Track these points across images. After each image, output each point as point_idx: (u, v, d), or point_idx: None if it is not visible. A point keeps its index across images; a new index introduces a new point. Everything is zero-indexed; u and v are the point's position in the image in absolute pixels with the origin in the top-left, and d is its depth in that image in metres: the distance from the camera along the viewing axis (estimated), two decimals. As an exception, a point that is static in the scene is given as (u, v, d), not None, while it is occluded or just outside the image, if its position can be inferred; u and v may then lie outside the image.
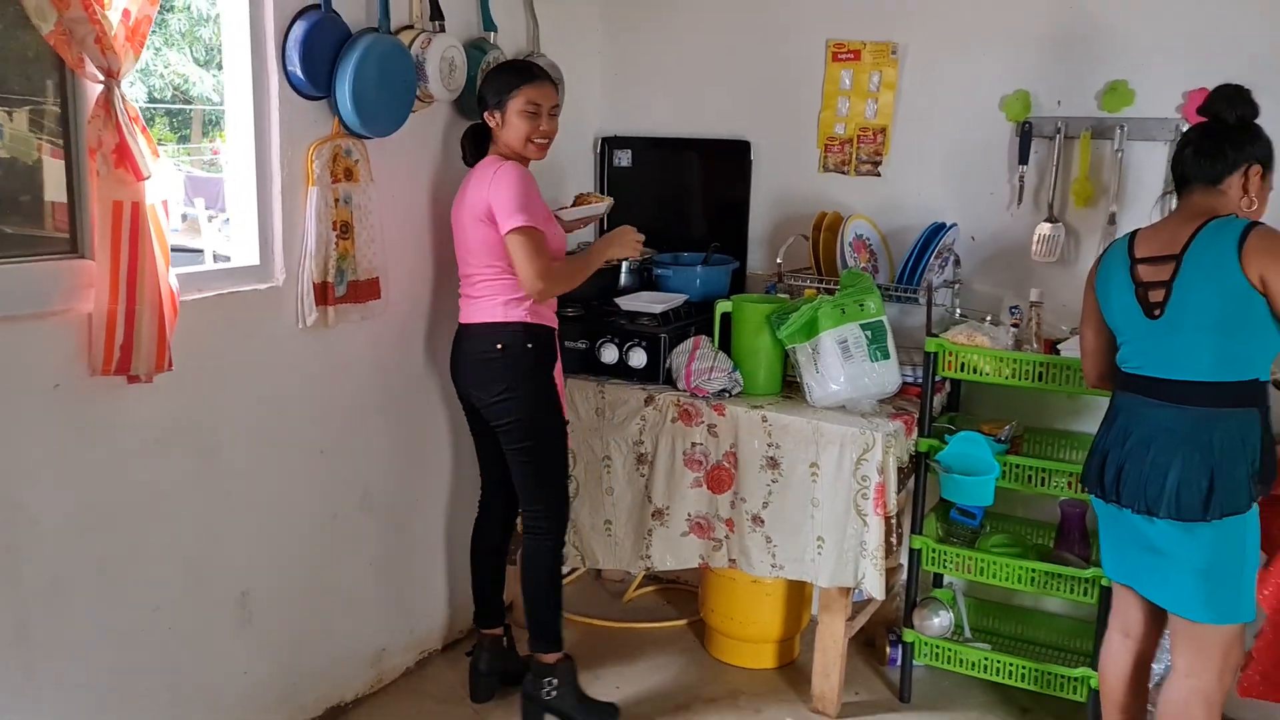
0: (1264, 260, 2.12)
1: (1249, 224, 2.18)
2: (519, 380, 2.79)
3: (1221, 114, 2.28)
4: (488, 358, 2.79)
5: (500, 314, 2.77)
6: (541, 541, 2.89)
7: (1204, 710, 2.30)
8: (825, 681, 3.07)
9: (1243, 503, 2.20)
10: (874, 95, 3.38)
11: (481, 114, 2.82)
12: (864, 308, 2.94)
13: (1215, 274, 2.17)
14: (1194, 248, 2.20)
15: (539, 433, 2.84)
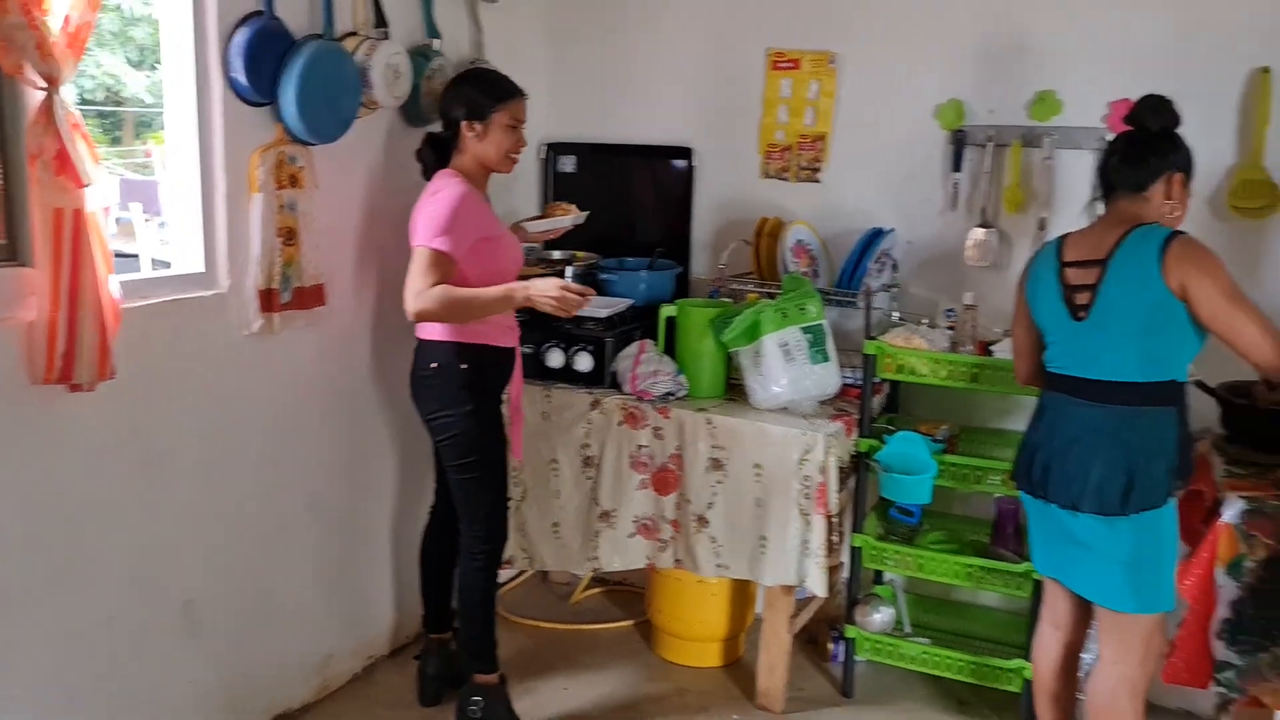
0: (1183, 268, 2.22)
1: (1171, 233, 2.28)
2: (451, 399, 2.74)
3: (1146, 123, 2.38)
4: (422, 375, 2.77)
5: (438, 332, 2.74)
6: (474, 562, 2.86)
7: (1129, 695, 2.40)
8: (770, 678, 3.13)
9: (1160, 498, 2.30)
10: (813, 103, 3.46)
11: (454, 123, 2.76)
12: (805, 311, 3.01)
13: (1138, 279, 2.26)
14: (1119, 254, 2.30)
15: (473, 453, 2.77)
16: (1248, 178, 2.91)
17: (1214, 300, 2.22)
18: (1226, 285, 2.23)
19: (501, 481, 2.87)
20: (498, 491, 2.86)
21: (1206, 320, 2.24)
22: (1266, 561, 2.38)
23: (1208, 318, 2.23)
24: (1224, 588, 2.44)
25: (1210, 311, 2.23)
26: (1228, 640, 2.43)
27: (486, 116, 2.74)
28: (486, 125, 2.74)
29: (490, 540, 2.86)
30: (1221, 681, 2.45)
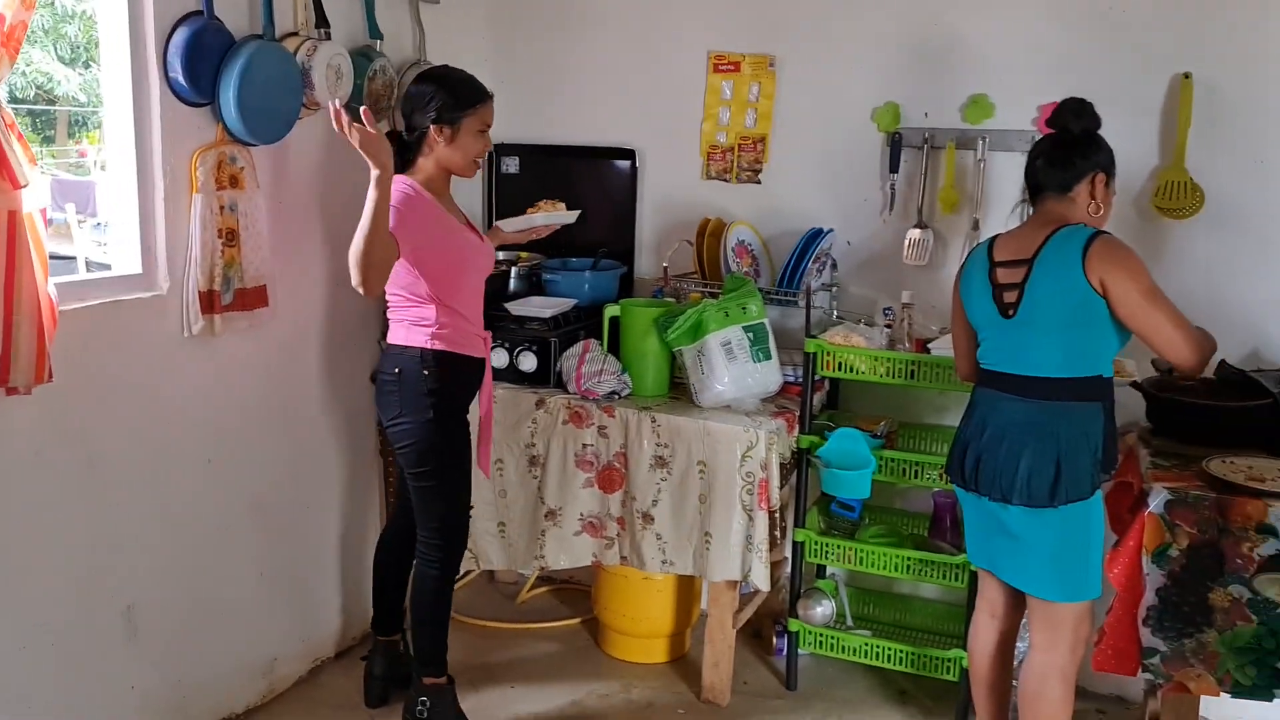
0: (1103, 266, 2.30)
1: (1094, 232, 2.36)
2: (411, 406, 2.69)
3: (1068, 126, 2.46)
4: (384, 380, 2.74)
5: (402, 337, 2.70)
6: (429, 569, 2.84)
7: (1059, 682, 2.48)
8: (715, 672, 3.17)
9: (1087, 489, 2.38)
10: (753, 105, 3.51)
11: (422, 126, 2.67)
12: (746, 311, 3.06)
13: (1062, 278, 2.34)
14: (1044, 253, 2.38)
15: (429, 462, 2.74)
16: (1171, 179, 3.01)
17: (1132, 298, 2.30)
18: (1145, 284, 2.32)
19: (458, 491, 2.83)
20: (452, 500, 2.82)
21: (1125, 318, 2.33)
22: (1189, 550, 2.47)
23: (1126, 315, 2.32)
24: (1150, 576, 2.52)
25: (1129, 309, 2.31)
26: (1154, 627, 2.51)
27: (457, 122, 2.68)
28: (456, 130, 2.68)
29: (444, 549, 2.83)
30: (1148, 667, 2.53)
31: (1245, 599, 2.44)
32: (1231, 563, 2.44)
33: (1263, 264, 2.99)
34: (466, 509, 2.89)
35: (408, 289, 2.66)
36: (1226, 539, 2.44)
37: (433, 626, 2.88)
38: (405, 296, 2.68)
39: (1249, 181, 2.97)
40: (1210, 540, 2.45)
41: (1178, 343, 2.33)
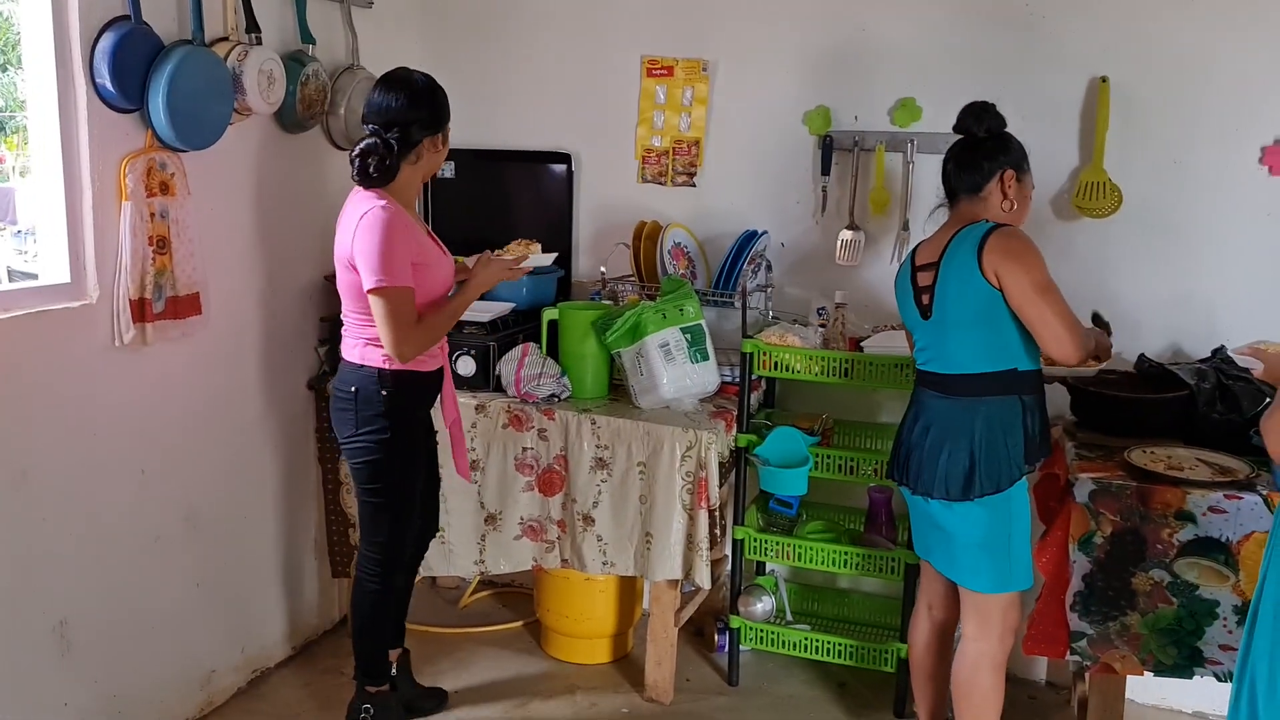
0: (995, 258, 2.38)
1: (992, 227, 2.43)
2: (366, 424, 2.67)
3: (972, 129, 2.53)
4: (340, 397, 2.71)
5: (358, 355, 2.67)
6: (369, 584, 2.84)
7: (990, 669, 2.56)
8: (657, 671, 3.20)
9: (1004, 482, 2.46)
10: (687, 109, 3.55)
11: (418, 137, 2.62)
12: (684, 312, 3.09)
13: (963, 275, 2.42)
14: (948, 253, 2.46)
15: (381, 479, 2.73)
16: (1089, 180, 3.11)
17: (1023, 290, 2.37)
18: (1038, 277, 2.38)
19: (405, 509, 2.81)
20: (398, 517, 2.80)
21: (1016, 308, 2.39)
22: (1113, 537, 2.56)
23: (1016, 306, 2.39)
24: (1077, 562, 2.61)
25: (1019, 301, 2.38)
26: (1080, 611, 2.60)
27: (443, 130, 2.70)
28: (445, 138, 2.71)
29: (385, 565, 2.82)
30: (1076, 650, 2.62)
31: (1166, 583, 2.54)
32: (1153, 548, 2.54)
33: (1178, 261, 3.10)
34: (409, 526, 2.85)
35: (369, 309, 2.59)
36: (1147, 526, 2.54)
37: (373, 637, 2.88)
38: (366, 313, 2.61)
39: (1165, 181, 3.08)
40: (1132, 527, 2.55)
41: (1063, 338, 2.38)
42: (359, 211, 2.56)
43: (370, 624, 2.87)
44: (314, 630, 3.50)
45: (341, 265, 2.62)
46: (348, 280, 2.62)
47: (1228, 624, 2.52)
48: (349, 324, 2.70)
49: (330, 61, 3.29)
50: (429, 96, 2.66)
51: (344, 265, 2.61)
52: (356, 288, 2.59)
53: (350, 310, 2.67)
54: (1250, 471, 2.58)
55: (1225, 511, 2.50)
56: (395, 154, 2.59)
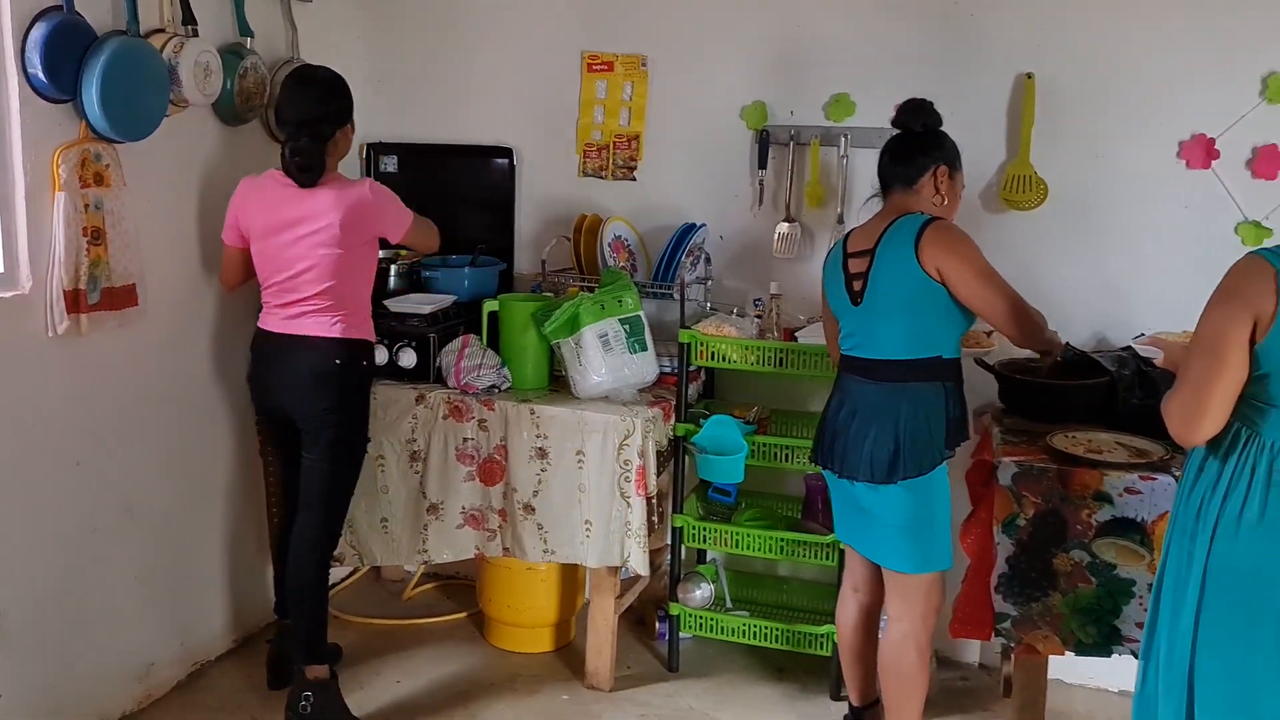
0: (935, 252, 2.46)
1: (927, 220, 2.51)
2: (349, 395, 2.88)
3: (909, 124, 2.61)
4: (322, 371, 2.82)
5: (339, 330, 2.83)
6: (310, 551, 2.91)
7: (914, 649, 2.63)
8: (598, 658, 3.24)
9: (927, 465, 2.53)
10: (627, 104, 3.59)
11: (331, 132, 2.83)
12: (622, 304, 3.14)
13: (899, 264, 2.49)
14: (883, 242, 2.53)
15: (351, 449, 2.92)
16: (1017, 173, 3.19)
17: (968, 281, 2.46)
18: (979, 265, 2.48)
19: (356, 479, 3.02)
20: (352, 489, 3.01)
21: (964, 299, 2.48)
22: (1035, 519, 2.63)
23: (965, 297, 2.48)
24: (1001, 545, 2.68)
25: (967, 292, 2.47)
26: (1005, 593, 2.67)
27: (351, 119, 2.92)
28: (352, 126, 2.93)
29: (330, 533, 2.96)
30: (1001, 631, 2.69)
31: (1085, 563, 2.62)
32: (1073, 529, 2.61)
33: (1101, 251, 3.19)
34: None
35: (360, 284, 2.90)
36: (1068, 507, 2.61)
37: (315, 613, 2.94)
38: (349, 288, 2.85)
39: (1087, 174, 3.17)
40: (1053, 509, 2.62)
41: (1010, 317, 2.50)
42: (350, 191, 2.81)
43: (316, 596, 2.95)
44: (257, 622, 3.49)
45: (325, 244, 2.77)
46: (334, 257, 2.78)
47: (1143, 602, 2.60)
48: (325, 303, 2.83)
49: (270, 55, 3.30)
50: (336, 91, 2.88)
51: (331, 242, 2.77)
52: (339, 263, 2.79)
53: (329, 283, 2.81)
54: (1164, 454, 2.66)
55: (1140, 492, 2.58)
56: (315, 153, 2.78)
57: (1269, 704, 1.88)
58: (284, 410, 2.91)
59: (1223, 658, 1.92)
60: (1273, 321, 1.81)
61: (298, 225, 2.79)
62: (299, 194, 2.80)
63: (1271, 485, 1.87)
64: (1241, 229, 3.07)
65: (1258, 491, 1.88)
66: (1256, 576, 1.87)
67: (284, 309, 2.85)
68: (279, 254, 2.82)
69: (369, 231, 2.87)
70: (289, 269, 2.81)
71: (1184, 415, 1.93)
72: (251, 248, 2.89)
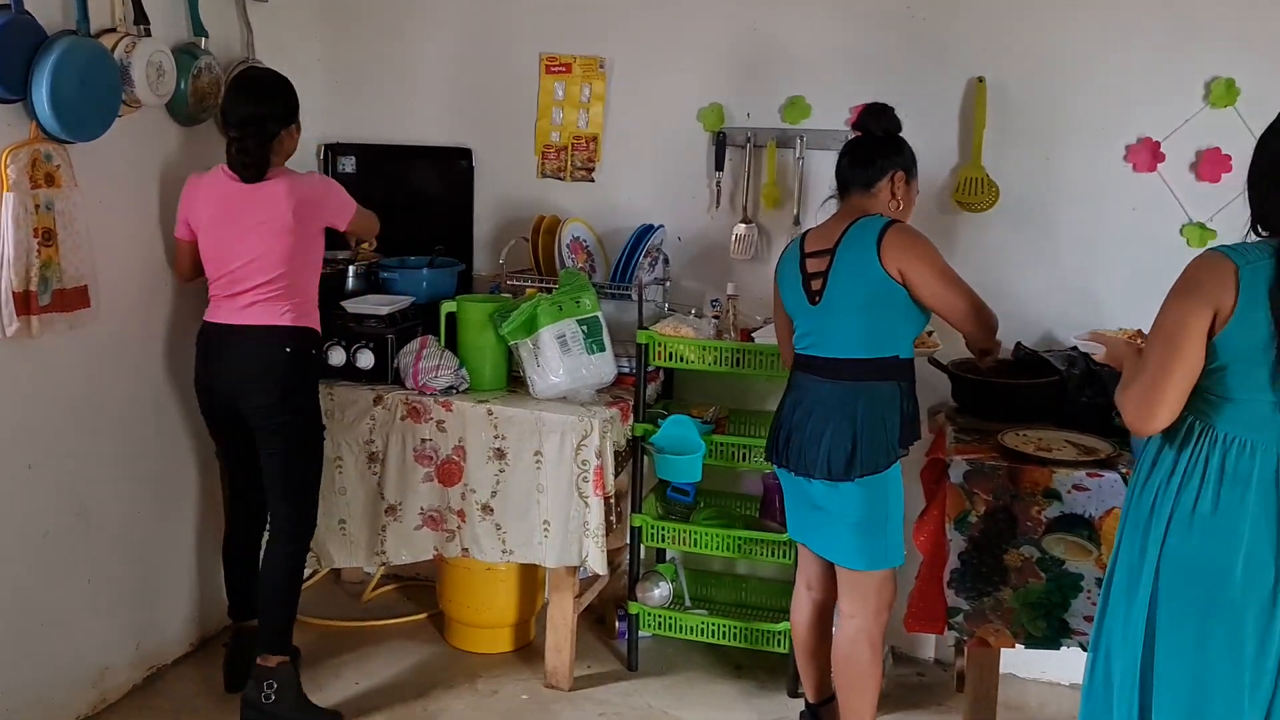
0: (897, 254, 2.50)
1: (888, 222, 2.55)
2: (299, 384, 2.91)
3: (870, 128, 2.65)
4: (272, 360, 2.85)
5: (289, 319, 2.86)
6: (288, 545, 2.95)
7: (868, 645, 2.67)
8: (558, 657, 3.25)
9: (883, 463, 2.57)
10: (585, 106, 3.61)
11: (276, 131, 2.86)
12: (580, 304, 3.15)
13: (859, 265, 2.53)
14: (844, 243, 2.56)
15: (307, 437, 2.96)
16: (969, 176, 3.24)
17: (929, 282, 2.50)
18: (939, 267, 2.52)
19: (320, 467, 3.04)
20: (318, 477, 3.03)
21: (926, 300, 2.53)
22: (986, 515, 2.68)
23: (927, 298, 2.52)
24: (953, 541, 2.73)
25: (928, 293, 2.52)
26: (957, 588, 2.72)
27: (297, 119, 2.96)
28: (298, 126, 2.97)
29: (304, 523, 2.99)
30: (953, 626, 2.74)
31: (1035, 558, 2.67)
32: (1023, 525, 2.67)
33: (1052, 252, 3.25)
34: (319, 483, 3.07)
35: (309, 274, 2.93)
36: (1018, 504, 2.66)
37: (288, 604, 2.97)
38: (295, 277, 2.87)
39: (1038, 177, 3.22)
40: (1004, 506, 2.67)
41: (970, 315, 2.56)
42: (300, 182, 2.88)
43: (290, 589, 2.98)
44: (215, 625, 3.47)
45: (280, 232, 2.82)
46: (283, 245, 2.82)
47: (1091, 596, 2.66)
48: (274, 292, 2.85)
49: (224, 55, 3.28)
50: (279, 90, 2.92)
51: (285, 230, 2.82)
52: (290, 251, 2.83)
53: (279, 272, 2.83)
54: (1112, 451, 2.72)
55: (1088, 489, 2.63)
56: (259, 149, 2.83)
57: (1220, 695, 1.91)
58: (234, 404, 2.91)
59: (1176, 649, 1.95)
60: (1232, 314, 1.86)
61: (248, 215, 2.83)
62: (249, 187, 2.84)
63: (1224, 479, 1.91)
64: (1186, 230, 3.13)
65: (1211, 485, 1.92)
66: (1209, 569, 1.91)
67: (232, 300, 2.87)
68: (228, 244, 2.85)
69: (319, 220, 2.93)
70: (239, 259, 2.83)
71: (1140, 405, 1.96)
72: (199, 240, 2.90)
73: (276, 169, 2.88)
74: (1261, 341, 1.85)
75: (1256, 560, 1.89)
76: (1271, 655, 1.90)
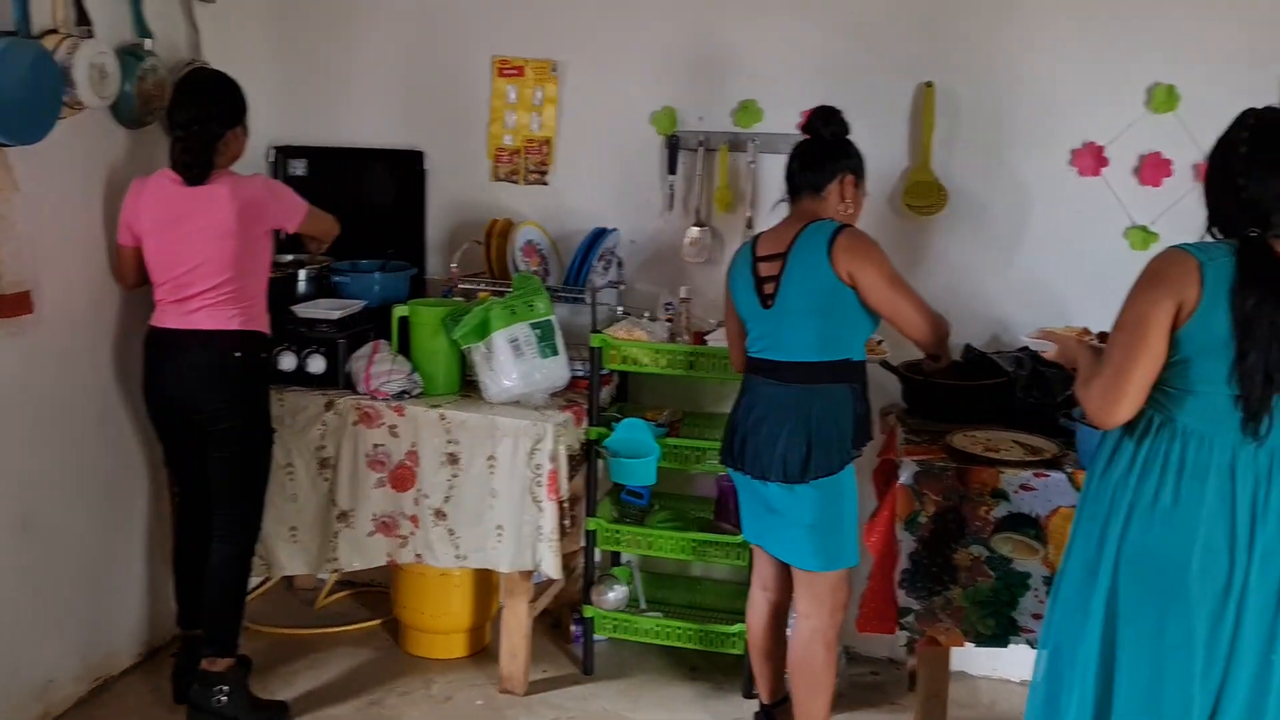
0: (848, 258, 2.52)
1: (839, 226, 2.57)
2: (249, 388, 2.91)
3: (819, 131, 2.67)
4: (221, 364, 2.84)
5: (237, 323, 2.85)
6: (235, 547, 2.94)
7: (823, 645, 2.69)
8: (513, 662, 3.24)
9: (835, 465, 2.59)
10: (538, 109, 3.60)
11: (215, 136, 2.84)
12: (533, 308, 3.15)
13: (811, 269, 2.55)
14: (796, 247, 2.57)
15: (257, 440, 2.96)
16: (918, 179, 3.28)
17: (878, 287, 2.53)
18: (888, 272, 2.55)
19: (269, 470, 3.05)
20: (265, 480, 3.03)
21: (874, 304, 2.55)
22: (935, 516, 2.71)
23: (875, 302, 2.54)
24: (904, 542, 2.75)
25: (876, 297, 2.54)
26: (908, 588, 2.75)
27: (243, 121, 2.94)
28: (245, 128, 2.96)
29: (251, 526, 3.00)
30: (904, 625, 2.76)
31: (984, 557, 2.70)
32: (971, 525, 2.70)
33: (1000, 255, 3.29)
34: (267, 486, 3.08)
35: (256, 278, 2.90)
36: (966, 504, 2.70)
37: (236, 607, 2.96)
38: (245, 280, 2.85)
39: (986, 180, 3.27)
40: (953, 506, 2.70)
41: (920, 323, 2.59)
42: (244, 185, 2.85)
43: (238, 591, 2.97)
44: (163, 635, 3.42)
45: (225, 235, 2.80)
46: (230, 248, 2.80)
47: (1039, 594, 2.70)
48: (221, 296, 2.83)
49: (170, 56, 3.24)
50: (224, 91, 2.91)
51: (229, 234, 2.80)
52: (236, 255, 2.81)
53: (228, 275, 2.81)
54: (1058, 451, 2.76)
55: (1035, 488, 2.67)
56: (204, 150, 2.81)
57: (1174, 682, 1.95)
58: (183, 410, 2.88)
59: (1135, 639, 1.98)
60: (1195, 308, 1.90)
61: (192, 218, 2.81)
62: (194, 191, 2.82)
63: (1184, 471, 1.95)
64: (1130, 233, 3.19)
65: (1171, 477, 1.96)
66: (1169, 561, 1.95)
67: (179, 305, 2.84)
68: (173, 248, 2.82)
69: (264, 223, 2.90)
70: (184, 263, 2.81)
71: (1104, 396, 1.99)
72: (144, 245, 2.87)
73: (221, 172, 2.86)
74: (1222, 338, 1.90)
75: (1212, 550, 1.93)
76: (1223, 643, 1.94)
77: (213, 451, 2.90)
